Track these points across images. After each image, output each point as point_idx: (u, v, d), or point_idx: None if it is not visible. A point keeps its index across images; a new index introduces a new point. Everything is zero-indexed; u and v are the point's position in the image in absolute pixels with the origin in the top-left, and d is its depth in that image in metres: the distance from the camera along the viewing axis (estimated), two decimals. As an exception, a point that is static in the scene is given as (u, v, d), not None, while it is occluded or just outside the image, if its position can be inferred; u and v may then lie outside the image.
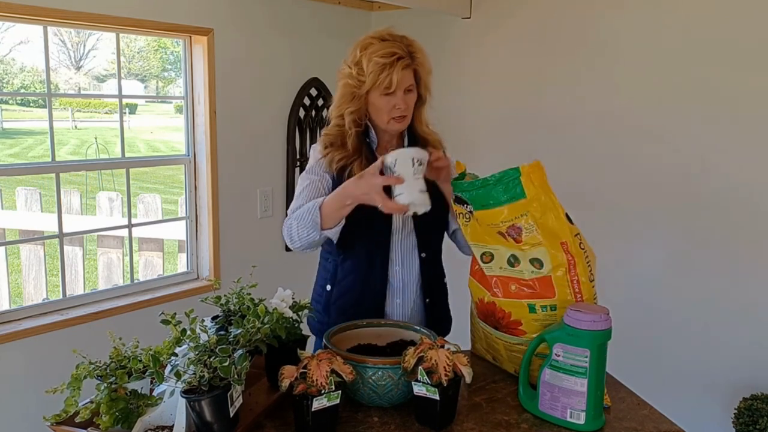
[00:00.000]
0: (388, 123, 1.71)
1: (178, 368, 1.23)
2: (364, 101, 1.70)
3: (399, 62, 1.64)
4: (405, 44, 1.67)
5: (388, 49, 1.64)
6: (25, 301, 4.76)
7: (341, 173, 1.71)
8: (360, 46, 1.69)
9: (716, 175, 2.52)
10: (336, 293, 1.80)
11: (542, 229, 1.43)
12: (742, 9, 2.40)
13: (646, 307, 2.72)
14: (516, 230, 1.45)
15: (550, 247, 1.43)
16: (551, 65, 2.89)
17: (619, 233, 2.76)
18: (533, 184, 1.43)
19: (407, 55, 1.66)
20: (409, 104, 1.70)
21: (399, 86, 1.65)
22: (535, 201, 1.43)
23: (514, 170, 1.44)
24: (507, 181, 1.44)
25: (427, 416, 1.33)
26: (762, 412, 2.22)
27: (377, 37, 1.68)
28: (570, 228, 1.45)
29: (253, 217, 3.03)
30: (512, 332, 1.51)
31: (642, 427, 1.37)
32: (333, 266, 1.81)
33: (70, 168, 2.68)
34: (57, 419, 1.25)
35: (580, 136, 2.83)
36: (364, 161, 1.70)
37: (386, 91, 1.66)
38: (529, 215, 1.43)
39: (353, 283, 1.77)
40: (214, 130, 2.79)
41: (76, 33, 14.44)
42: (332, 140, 1.74)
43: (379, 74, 1.63)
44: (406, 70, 1.65)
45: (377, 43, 1.66)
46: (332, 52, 3.25)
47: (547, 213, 1.43)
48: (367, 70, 1.65)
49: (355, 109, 1.71)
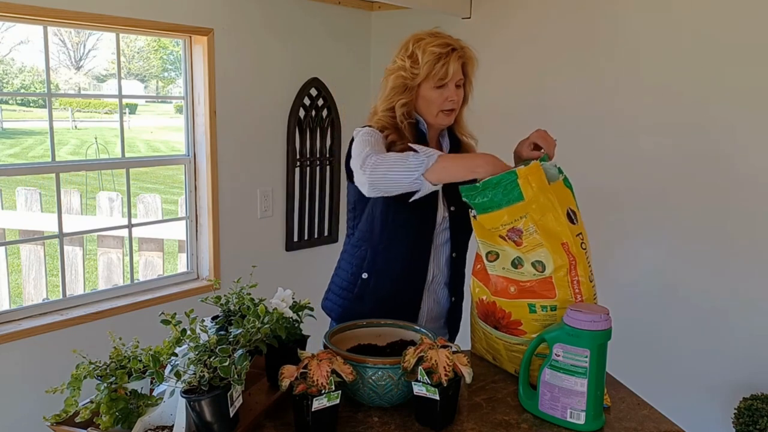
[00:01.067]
0: (437, 116, 1.73)
1: (178, 368, 1.23)
2: (416, 94, 1.72)
3: (454, 53, 1.68)
4: (455, 39, 1.72)
5: (442, 40, 1.69)
6: (25, 301, 4.76)
7: None
8: (412, 41, 1.72)
9: (716, 175, 2.52)
10: (374, 282, 1.78)
11: (542, 230, 1.43)
12: (746, 3, 2.40)
13: (647, 307, 2.72)
14: (516, 233, 1.45)
15: (551, 249, 1.43)
16: (551, 65, 2.89)
17: (619, 232, 2.76)
18: (531, 186, 1.43)
19: (461, 49, 1.71)
20: (459, 98, 1.74)
21: (452, 78, 1.69)
22: (534, 203, 1.43)
23: (512, 173, 1.44)
24: (505, 184, 1.44)
25: (427, 416, 1.33)
26: (762, 412, 2.22)
27: (427, 33, 1.73)
28: (571, 228, 1.45)
29: (253, 217, 3.03)
30: (512, 332, 1.51)
31: (642, 427, 1.37)
32: (370, 254, 1.78)
33: (70, 168, 2.68)
34: (57, 419, 1.25)
35: (580, 136, 2.83)
36: None
37: (440, 83, 1.69)
38: (529, 217, 1.43)
39: (396, 272, 1.76)
40: (214, 130, 2.79)
41: (76, 33, 14.44)
42: (384, 125, 1.73)
43: (435, 64, 1.67)
44: (459, 63, 1.69)
45: (429, 37, 1.70)
46: (332, 52, 3.27)
47: (546, 214, 1.43)
48: (422, 60, 1.67)
49: (407, 101, 1.72)
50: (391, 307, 1.72)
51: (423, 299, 1.81)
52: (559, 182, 1.49)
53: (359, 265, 1.80)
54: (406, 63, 1.70)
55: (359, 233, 1.80)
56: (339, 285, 1.86)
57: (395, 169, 1.50)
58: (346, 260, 1.87)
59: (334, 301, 1.86)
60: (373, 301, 1.77)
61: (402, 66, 1.71)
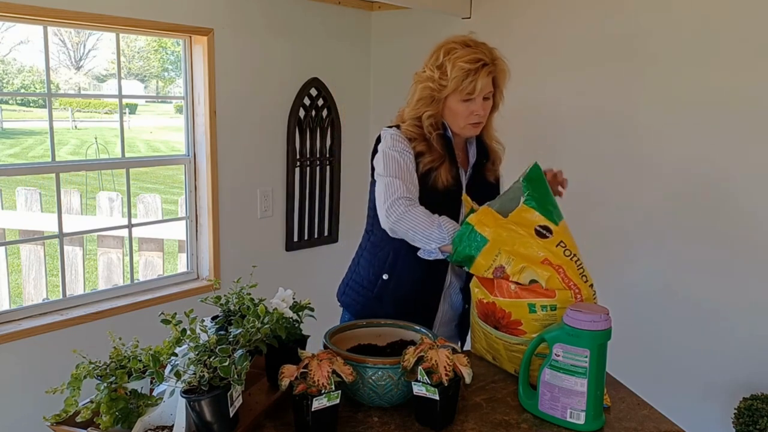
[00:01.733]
0: (464, 128, 1.74)
1: (178, 368, 1.23)
2: (443, 104, 1.72)
3: (484, 69, 1.66)
4: (488, 51, 1.70)
5: (473, 55, 1.66)
6: (25, 301, 4.76)
7: (427, 174, 1.72)
8: (443, 51, 1.70)
9: (716, 175, 2.52)
10: (394, 284, 1.79)
11: (520, 258, 1.48)
12: (749, 7, 2.40)
13: (647, 306, 2.72)
14: (500, 270, 1.50)
15: (536, 268, 1.47)
16: (551, 65, 2.89)
17: (620, 232, 2.76)
18: (488, 226, 1.50)
19: (491, 62, 1.69)
20: (486, 111, 1.73)
21: (480, 92, 1.68)
22: (499, 240, 1.49)
23: (465, 225, 1.53)
24: (466, 237, 1.53)
25: (427, 416, 1.33)
26: (762, 412, 2.22)
27: (460, 42, 1.70)
28: (545, 243, 1.48)
29: (253, 217, 3.03)
30: (512, 332, 1.52)
31: (642, 427, 1.37)
32: (392, 256, 1.79)
33: (70, 168, 2.68)
34: (57, 419, 1.25)
35: (580, 136, 2.83)
36: (448, 165, 1.73)
37: (467, 97, 1.68)
38: (502, 253, 1.49)
39: (417, 277, 1.77)
40: (214, 130, 2.79)
41: (76, 33, 14.44)
42: (413, 135, 1.74)
43: (463, 80, 1.66)
44: (488, 78, 1.68)
45: (461, 49, 1.68)
46: (332, 52, 3.27)
47: (515, 245, 1.49)
48: (450, 74, 1.66)
49: (433, 112, 1.73)
50: (409, 309, 1.74)
51: (440, 304, 1.83)
52: (520, 207, 1.53)
53: (380, 266, 1.82)
54: (435, 74, 1.69)
55: (382, 233, 1.78)
56: (359, 283, 1.88)
57: (417, 232, 1.60)
58: (366, 259, 1.88)
59: (353, 297, 1.88)
60: (391, 302, 1.80)
61: (431, 77, 1.71)
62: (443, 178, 1.70)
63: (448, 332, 1.84)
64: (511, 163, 1.97)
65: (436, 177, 1.71)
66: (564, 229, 1.52)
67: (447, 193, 1.75)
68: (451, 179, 1.73)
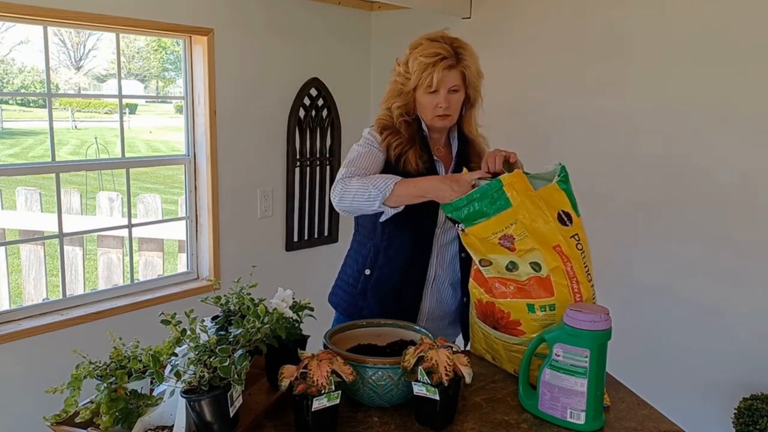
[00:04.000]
0: (432, 120, 1.78)
1: (178, 368, 1.23)
2: (412, 98, 1.79)
3: (442, 62, 1.71)
4: (453, 46, 1.74)
5: (432, 49, 1.72)
6: (25, 301, 4.76)
7: (398, 159, 1.77)
8: (411, 46, 1.78)
9: (716, 174, 2.52)
10: (375, 278, 1.82)
11: (533, 234, 1.44)
12: (752, 3, 2.40)
13: (647, 306, 2.72)
14: (508, 239, 1.46)
15: (544, 251, 1.44)
16: (552, 65, 2.89)
17: (620, 232, 2.76)
18: (517, 192, 1.45)
19: (452, 56, 1.72)
20: (453, 104, 1.77)
21: (441, 86, 1.72)
22: (522, 208, 1.44)
23: (496, 182, 1.47)
24: (491, 194, 1.46)
25: (427, 416, 1.33)
26: (762, 412, 2.22)
27: (429, 37, 1.77)
28: (563, 230, 1.45)
29: (253, 217, 3.03)
30: (511, 332, 1.51)
31: (642, 427, 1.37)
32: (373, 251, 1.84)
33: (70, 168, 2.68)
34: (57, 419, 1.25)
35: (580, 136, 2.83)
36: (418, 150, 1.77)
37: (428, 90, 1.73)
38: (518, 223, 1.45)
39: (395, 269, 1.80)
40: (214, 130, 2.79)
41: (76, 33, 14.43)
42: (385, 124, 1.82)
43: (422, 73, 1.72)
44: (450, 71, 1.72)
45: (426, 44, 1.75)
46: (332, 52, 3.27)
47: (536, 219, 1.44)
48: (412, 68, 1.74)
49: (402, 104, 1.80)
50: (391, 303, 1.78)
51: (424, 297, 1.83)
52: (551, 185, 1.49)
53: (363, 262, 1.86)
54: (401, 68, 1.79)
55: (364, 230, 1.87)
56: (345, 281, 1.92)
57: (358, 198, 1.63)
58: (352, 257, 1.93)
59: (339, 296, 1.92)
60: (374, 297, 1.82)
61: (397, 71, 1.80)
62: (412, 162, 1.75)
63: (438, 329, 1.84)
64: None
65: (405, 161, 1.75)
66: (581, 224, 1.51)
67: None
68: (421, 164, 1.76)
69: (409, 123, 1.80)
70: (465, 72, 1.75)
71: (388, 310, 1.75)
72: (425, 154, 1.79)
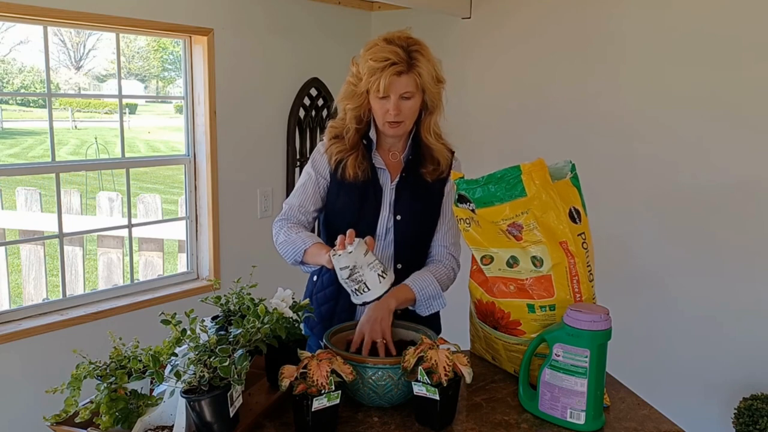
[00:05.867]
0: (383, 126, 1.69)
1: (178, 368, 1.23)
2: (365, 100, 1.69)
3: (390, 68, 1.59)
4: (409, 50, 1.61)
5: (382, 53, 1.60)
6: (25, 301, 4.76)
7: (337, 166, 1.73)
8: (366, 46, 1.67)
9: (717, 174, 2.52)
10: (319, 283, 1.82)
11: (543, 227, 1.43)
12: (749, 6, 2.40)
13: (647, 307, 2.72)
14: (517, 228, 1.44)
15: (550, 246, 1.43)
16: (551, 65, 2.89)
17: (620, 232, 2.76)
18: (534, 182, 1.42)
19: (403, 62, 1.60)
20: (404, 111, 1.64)
21: (391, 92, 1.61)
22: (536, 199, 1.42)
23: (516, 168, 1.44)
24: (509, 179, 1.44)
25: (427, 416, 1.33)
26: (762, 412, 2.22)
27: (385, 38, 1.65)
28: (572, 227, 1.44)
29: (253, 217, 3.03)
30: (511, 332, 1.51)
31: (642, 427, 1.37)
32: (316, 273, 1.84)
33: (70, 168, 2.68)
34: (57, 419, 1.25)
35: (581, 135, 2.83)
36: (359, 157, 1.71)
37: (378, 95, 1.63)
38: (530, 213, 1.43)
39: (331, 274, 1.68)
40: (214, 130, 2.79)
41: (76, 33, 14.44)
42: (337, 132, 1.76)
43: (370, 77, 1.62)
44: (400, 77, 1.60)
45: (379, 45, 1.63)
46: (332, 52, 3.26)
47: (548, 212, 1.43)
48: (362, 71, 1.65)
49: (354, 106, 1.70)
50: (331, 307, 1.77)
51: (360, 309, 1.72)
52: (565, 180, 1.49)
53: (315, 270, 1.84)
54: (354, 68, 1.69)
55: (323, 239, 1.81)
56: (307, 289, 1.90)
57: (283, 251, 1.68)
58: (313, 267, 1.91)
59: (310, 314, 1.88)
60: (316, 301, 1.80)
61: (351, 72, 1.70)
62: (349, 170, 1.69)
63: None
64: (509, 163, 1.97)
65: (343, 168, 1.70)
66: (587, 224, 1.50)
67: (364, 191, 1.71)
68: (360, 172, 1.69)
69: (358, 129, 1.72)
70: (417, 79, 1.62)
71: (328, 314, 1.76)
72: (365, 162, 1.71)
